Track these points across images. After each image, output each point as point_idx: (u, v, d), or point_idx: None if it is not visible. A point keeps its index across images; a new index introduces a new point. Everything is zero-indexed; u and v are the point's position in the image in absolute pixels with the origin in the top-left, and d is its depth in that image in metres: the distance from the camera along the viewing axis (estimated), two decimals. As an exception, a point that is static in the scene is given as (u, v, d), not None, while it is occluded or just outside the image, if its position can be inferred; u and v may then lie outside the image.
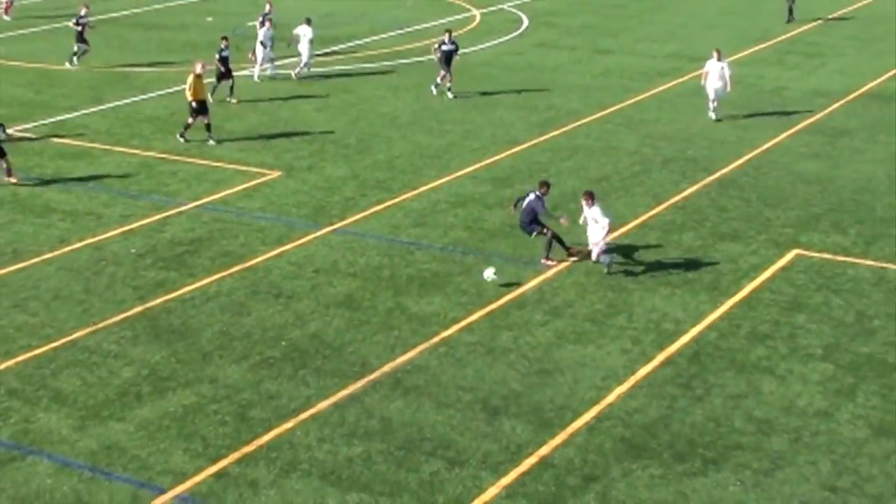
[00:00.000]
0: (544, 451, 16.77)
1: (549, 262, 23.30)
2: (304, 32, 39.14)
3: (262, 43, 38.81)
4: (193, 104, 31.41)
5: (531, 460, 16.55)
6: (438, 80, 36.20)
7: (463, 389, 18.56)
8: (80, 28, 40.86)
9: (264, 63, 38.85)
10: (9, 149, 29.05)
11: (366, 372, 19.17)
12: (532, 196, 23.55)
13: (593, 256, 23.01)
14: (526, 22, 48.23)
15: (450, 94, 35.89)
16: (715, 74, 32.77)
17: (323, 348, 20.07)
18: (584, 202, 23.06)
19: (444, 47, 35.73)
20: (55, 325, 20.98)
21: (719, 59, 32.77)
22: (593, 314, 21.29)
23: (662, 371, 19.13)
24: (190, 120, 31.55)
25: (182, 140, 31.46)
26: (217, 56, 35.57)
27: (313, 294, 22.25)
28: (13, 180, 28.20)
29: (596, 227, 22.84)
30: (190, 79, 31.37)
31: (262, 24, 39.70)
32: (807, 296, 21.90)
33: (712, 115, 33.28)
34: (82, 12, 41.25)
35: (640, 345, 20.05)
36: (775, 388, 18.51)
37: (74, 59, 41.00)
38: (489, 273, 22.37)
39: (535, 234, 23.54)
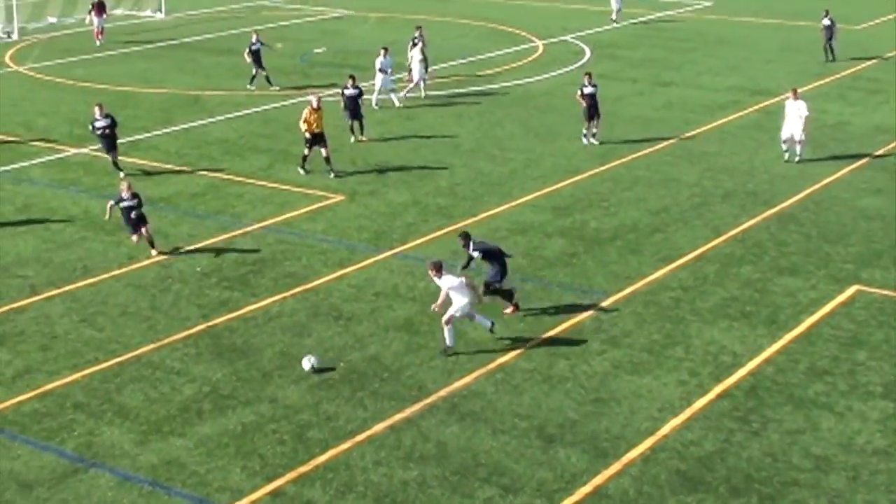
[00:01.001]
0: (599, 480, 16.84)
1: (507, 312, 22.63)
2: (414, 54, 40.02)
3: (380, 70, 38.59)
4: (307, 136, 31.10)
5: (586, 489, 16.62)
6: (585, 130, 34.58)
7: (519, 416, 18.70)
8: (255, 53, 40.99)
9: (384, 87, 38.75)
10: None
11: (422, 396, 19.38)
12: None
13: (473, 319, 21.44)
14: (588, 53, 48.39)
15: (594, 141, 34.30)
16: (793, 115, 32.03)
17: (381, 371, 20.31)
18: (431, 273, 21.25)
19: (585, 90, 33.99)
20: (121, 341, 21.44)
21: (796, 99, 32.20)
22: (651, 345, 21.36)
23: (719, 404, 19.14)
24: (305, 151, 31.31)
25: (302, 172, 31.36)
26: (341, 93, 34.80)
27: (373, 317, 22.53)
28: (154, 253, 25.59)
29: (456, 297, 21.00)
30: (305, 111, 31.20)
31: (413, 46, 40.65)
32: (867, 332, 21.79)
33: (796, 157, 32.31)
34: (254, 38, 41.26)
35: (698, 377, 20.08)
36: (834, 425, 18.44)
37: (253, 82, 41.31)
38: (307, 361, 20.31)
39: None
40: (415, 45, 41.19)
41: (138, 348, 21.13)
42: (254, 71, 41.36)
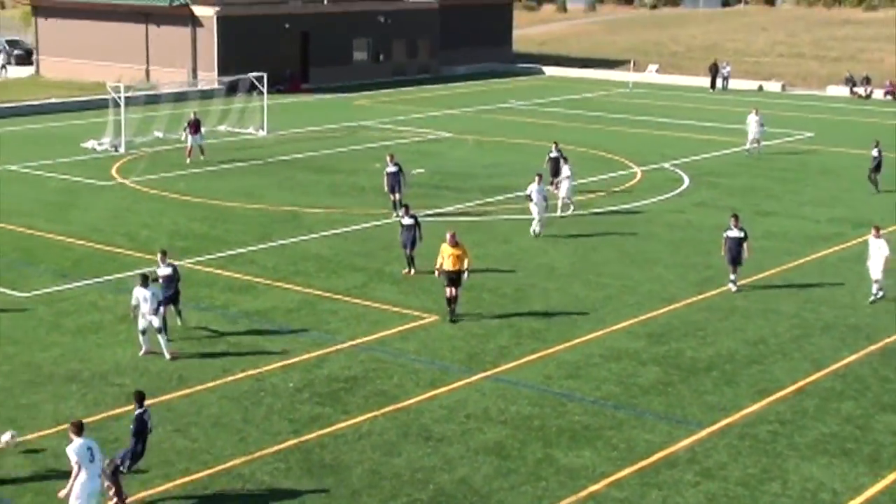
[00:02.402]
0: None
1: None
2: (564, 172, 40.94)
3: (528, 197, 38.03)
4: (437, 274, 29.77)
5: None
6: (732, 275, 32.43)
7: (610, 546, 18.32)
8: (391, 176, 40.17)
9: (540, 216, 37.88)
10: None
11: (512, 521, 19.10)
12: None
13: None
14: (687, 181, 48.33)
15: (732, 287, 32.38)
16: (876, 254, 31.20)
17: (470, 494, 20.06)
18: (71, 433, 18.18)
19: (729, 233, 32.71)
20: (213, 452, 21.50)
21: (878, 237, 31.63)
22: (746, 479, 20.86)
23: (817, 543, 18.59)
24: (446, 293, 29.31)
25: (450, 319, 29.25)
26: (400, 223, 33.54)
27: (463, 439, 22.35)
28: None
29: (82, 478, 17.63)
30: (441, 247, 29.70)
31: (564, 162, 41.58)
32: (972, 475, 21.11)
33: (871, 297, 31.41)
34: (389, 161, 40.66)
35: (795, 514, 19.55)
36: (937, 570, 17.82)
37: (397, 208, 39.11)
38: (7, 437, 19.12)
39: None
40: (564, 160, 42.13)
41: (229, 460, 21.16)
42: (392, 196, 40.27)
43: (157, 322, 26.15)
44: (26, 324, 28.66)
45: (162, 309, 26.44)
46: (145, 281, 26.43)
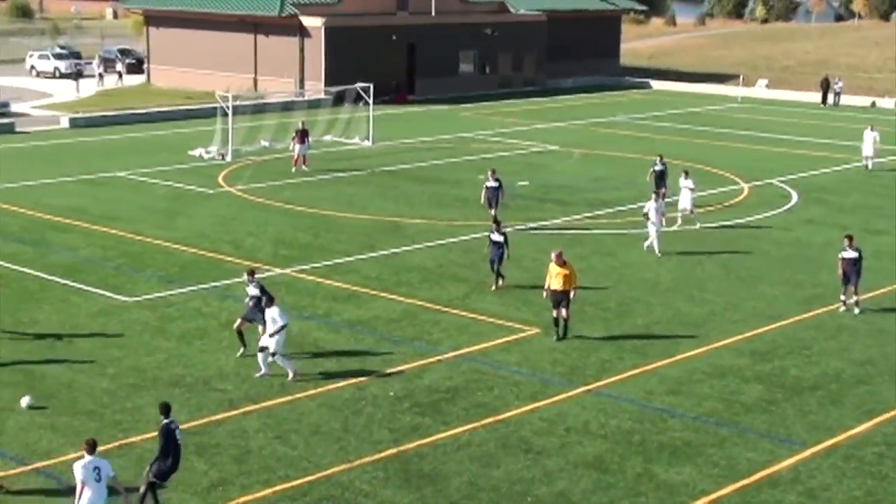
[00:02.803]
0: None
1: None
2: (685, 184, 41.02)
3: (645, 215, 37.72)
4: (547, 293, 28.90)
5: None
6: (842, 295, 31.88)
7: (709, 566, 18.08)
8: (490, 191, 40.38)
9: (657, 234, 37.34)
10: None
11: (611, 537, 18.95)
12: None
13: None
14: (795, 197, 47.57)
15: (856, 310, 31.43)
16: None
17: (569, 509, 19.98)
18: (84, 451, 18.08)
19: (844, 254, 31.23)
20: (312, 460, 21.67)
21: None
22: (851, 501, 20.43)
23: (924, 569, 18.13)
24: (553, 313, 28.87)
25: (554, 339, 28.74)
26: (489, 239, 33.12)
27: (562, 452, 22.24)
28: None
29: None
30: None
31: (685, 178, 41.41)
32: None
33: None
34: (490, 176, 40.75)
35: (902, 539, 19.10)
36: None
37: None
38: (26, 400, 20.06)
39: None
40: (685, 174, 41.68)
41: (329, 468, 21.32)
42: (490, 210, 40.13)
43: (271, 346, 25.51)
44: (132, 328, 29.20)
45: (278, 335, 25.52)
46: (271, 301, 25.95)
